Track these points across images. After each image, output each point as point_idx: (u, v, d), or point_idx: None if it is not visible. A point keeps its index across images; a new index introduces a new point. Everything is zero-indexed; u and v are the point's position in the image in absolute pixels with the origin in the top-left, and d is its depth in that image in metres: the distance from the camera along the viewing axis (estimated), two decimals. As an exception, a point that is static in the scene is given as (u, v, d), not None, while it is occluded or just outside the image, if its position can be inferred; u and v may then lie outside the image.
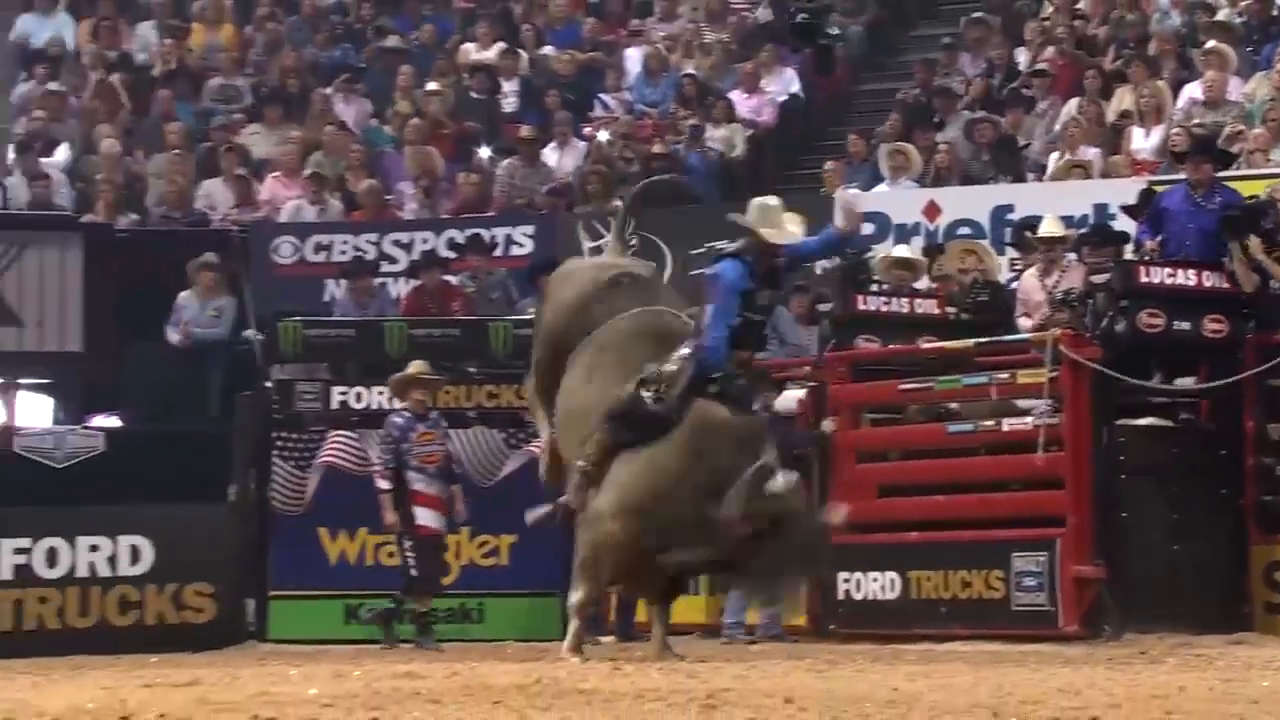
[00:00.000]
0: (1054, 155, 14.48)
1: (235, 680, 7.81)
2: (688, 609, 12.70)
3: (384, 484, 12.22)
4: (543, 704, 6.38)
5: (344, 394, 13.32)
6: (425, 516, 12.19)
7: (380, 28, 18.76)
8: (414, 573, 12.26)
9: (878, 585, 11.73)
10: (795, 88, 16.96)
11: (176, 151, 16.91)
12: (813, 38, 17.21)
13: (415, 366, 12.45)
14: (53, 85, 17.61)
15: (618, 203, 15.69)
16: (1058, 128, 14.77)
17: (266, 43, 18.69)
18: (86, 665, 10.51)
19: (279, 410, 13.25)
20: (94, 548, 12.59)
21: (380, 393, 13.28)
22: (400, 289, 15.27)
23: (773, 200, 9.94)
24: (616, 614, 12.54)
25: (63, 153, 17.01)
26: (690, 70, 17.19)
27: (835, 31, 17.46)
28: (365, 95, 17.75)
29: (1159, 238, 11.67)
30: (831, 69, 17.14)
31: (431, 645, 12.03)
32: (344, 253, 15.60)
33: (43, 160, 16.74)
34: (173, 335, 14.88)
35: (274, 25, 18.81)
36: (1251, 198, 11.75)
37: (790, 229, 9.71)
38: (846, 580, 11.82)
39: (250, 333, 14.60)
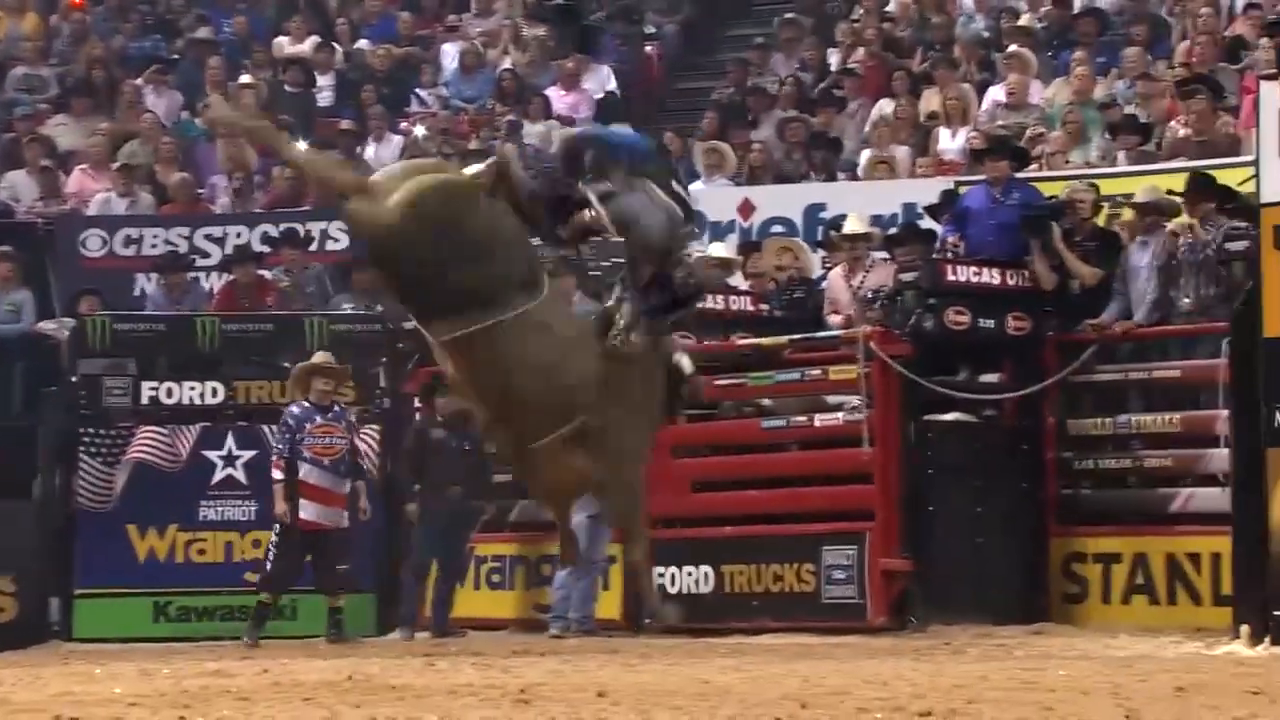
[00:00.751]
0: (866, 154, 14.73)
1: (37, 680, 7.67)
2: (499, 604, 12.75)
3: (276, 473, 12.07)
4: (353, 700, 6.35)
5: (154, 389, 13.13)
6: (309, 510, 12.03)
7: (202, 17, 18.49)
8: (269, 567, 12.11)
9: (691, 579, 11.84)
10: (612, 85, 17.04)
11: (-22, 142, 16.53)
12: (574, 21, 17.39)
13: (319, 357, 12.33)
14: None
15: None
16: (868, 128, 15.03)
17: (72, 32, 18.32)
18: (-117, 667, 10.21)
19: (86, 406, 13.02)
20: (-108, 546, 12.29)
21: (192, 388, 13.12)
22: (213, 283, 15.07)
23: None
24: (433, 608, 12.52)
25: None
26: (508, 66, 17.19)
27: (642, 28, 17.57)
28: (176, 87, 17.48)
29: (960, 235, 11.97)
30: (592, 50, 17.27)
31: (253, 639, 11.90)
32: (155, 246, 15.35)
33: None
34: (-35, 332, 14.49)
35: (80, 14, 18.44)
36: (1051, 198, 12.07)
37: None
38: (661, 575, 11.91)
39: (49, 326, 14.27)
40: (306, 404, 12.18)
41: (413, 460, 12.64)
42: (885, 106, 15.07)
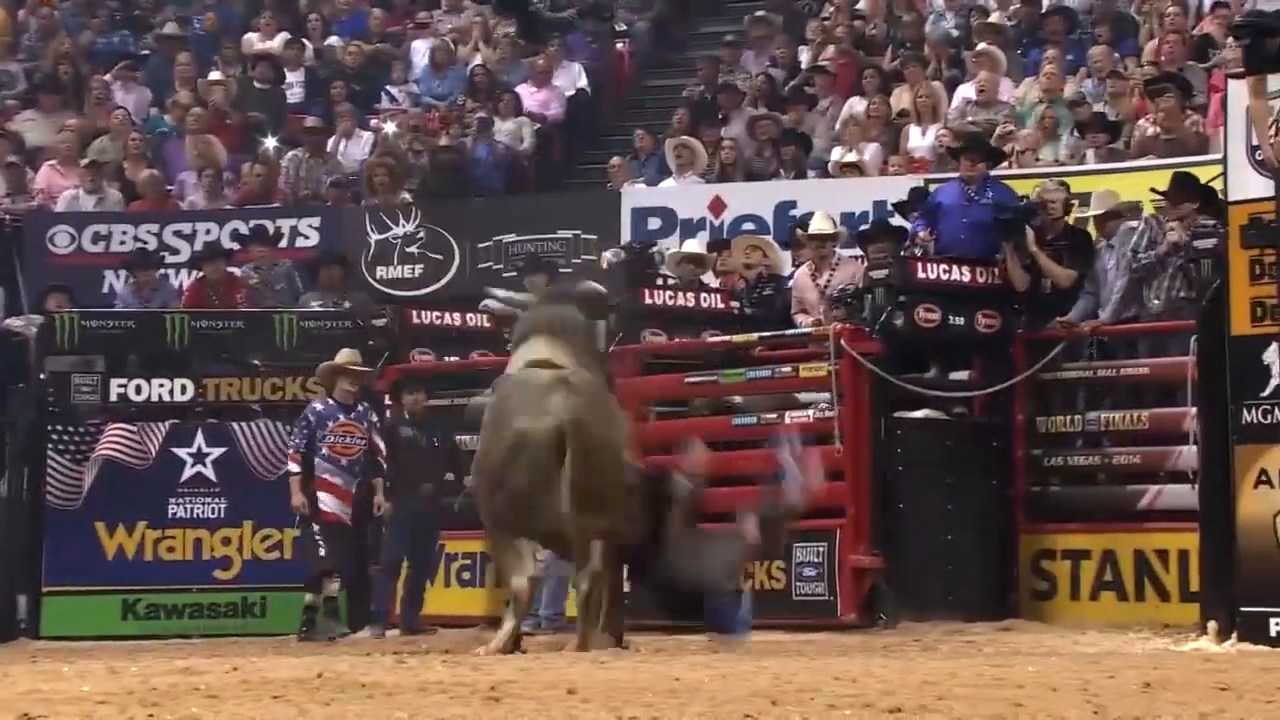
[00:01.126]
0: (836, 152, 14.77)
1: (5, 678, 7.61)
2: (469, 602, 12.73)
3: (292, 466, 12.06)
4: (323, 698, 6.33)
5: (123, 386, 13.08)
6: (328, 502, 12.00)
7: (181, 18, 18.43)
8: (322, 552, 12.04)
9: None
10: (583, 83, 17.05)
11: (-55, 137, 16.45)
12: (521, 7, 17.44)
13: (343, 356, 12.26)
14: None
15: (405, 196, 15.65)
16: (839, 126, 15.06)
17: (40, 27, 18.24)
18: None
19: (54, 403, 12.97)
20: None
21: (161, 385, 13.07)
22: (183, 280, 15.03)
23: None
24: (403, 606, 12.50)
25: None
26: (479, 63, 17.18)
27: (613, 25, 17.61)
28: (145, 83, 17.43)
29: (931, 230, 11.99)
30: (540, 39, 17.29)
31: (337, 634, 11.85)
32: (123, 243, 15.31)
33: None
34: (-67, 327, 14.41)
35: (48, 9, 18.37)
36: (1023, 197, 12.09)
37: None
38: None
39: (17, 323, 14.20)
40: (331, 402, 12.13)
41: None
42: (856, 105, 15.11)
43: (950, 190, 12.27)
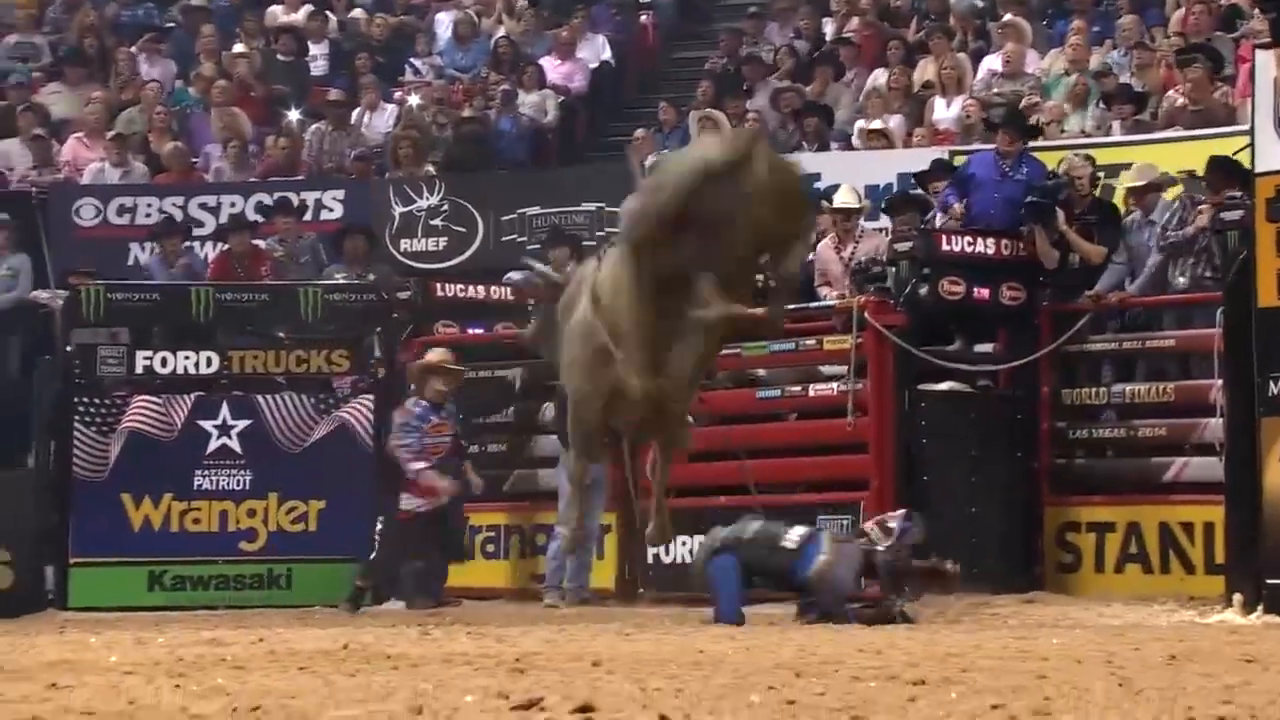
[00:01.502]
0: (859, 124, 14.72)
1: (33, 649, 7.67)
2: (494, 574, 12.76)
3: (417, 464, 11.84)
4: (349, 669, 6.36)
5: (149, 359, 13.11)
6: (408, 503, 11.96)
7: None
8: (373, 554, 12.09)
9: (686, 549, 11.83)
10: (606, 55, 17.00)
11: (-29, 110, 16.48)
12: None
13: (436, 355, 12.10)
14: None
15: (429, 169, 15.67)
16: (862, 97, 15.01)
17: (65, 1, 18.25)
18: (-121, 636, 10.20)
19: (80, 375, 13.01)
20: (-112, 515, 12.28)
21: (186, 358, 13.09)
22: (208, 253, 15.06)
23: None
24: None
25: None
26: (503, 34, 17.15)
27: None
28: (170, 56, 17.44)
29: (965, 201, 11.95)
30: (564, 10, 17.24)
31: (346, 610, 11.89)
32: (149, 216, 15.34)
33: None
34: (-38, 298, 14.48)
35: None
36: (1052, 173, 12.04)
37: None
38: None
39: (43, 295, 14.25)
40: (424, 403, 12.00)
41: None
42: (880, 76, 15.05)
43: (984, 161, 12.22)
